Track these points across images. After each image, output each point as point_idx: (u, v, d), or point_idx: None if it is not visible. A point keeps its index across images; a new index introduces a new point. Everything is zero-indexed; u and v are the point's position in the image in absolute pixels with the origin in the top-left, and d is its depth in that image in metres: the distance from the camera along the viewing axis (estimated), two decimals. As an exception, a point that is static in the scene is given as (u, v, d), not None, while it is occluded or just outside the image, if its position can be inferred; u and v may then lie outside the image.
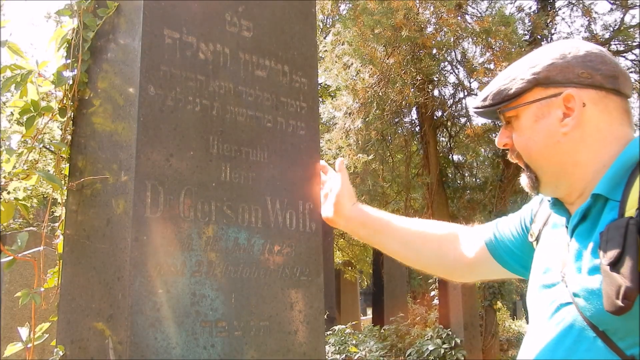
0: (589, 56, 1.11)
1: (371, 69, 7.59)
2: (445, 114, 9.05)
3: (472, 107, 1.25)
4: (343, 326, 8.04)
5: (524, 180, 1.19)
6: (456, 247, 1.47)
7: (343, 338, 7.70)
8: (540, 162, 1.13)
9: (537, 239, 1.26)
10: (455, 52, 8.24)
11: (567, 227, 1.12)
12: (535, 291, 1.17)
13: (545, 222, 1.24)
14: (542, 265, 1.17)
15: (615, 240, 0.93)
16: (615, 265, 0.91)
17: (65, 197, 1.49)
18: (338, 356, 7.19)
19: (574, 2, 8.43)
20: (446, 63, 8.42)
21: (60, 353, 1.36)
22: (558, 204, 1.17)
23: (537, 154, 1.13)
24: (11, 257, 1.40)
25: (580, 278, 1.00)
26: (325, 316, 1.86)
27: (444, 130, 9.47)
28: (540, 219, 1.27)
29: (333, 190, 1.60)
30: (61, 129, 1.52)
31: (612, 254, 0.92)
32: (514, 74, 1.17)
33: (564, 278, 1.05)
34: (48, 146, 1.50)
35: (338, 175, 1.61)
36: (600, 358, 0.95)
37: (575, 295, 1.00)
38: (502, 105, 1.16)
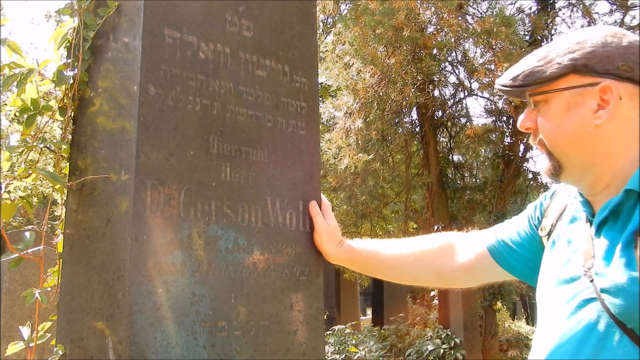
0: (631, 48, 1.06)
1: (372, 69, 7.59)
2: (445, 114, 9.06)
3: (498, 84, 1.18)
4: (343, 326, 8.04)
5: (543, 165, 1.13)
6: (453, 257, 1.44)
7: (343, 338, 7.69)
8: (567, 150, 1.08)
9: (549, 234, 1.21)
10: (456, 53, 8.25)
11: (590, 220, 1.08)
12: (551, 285, 1.12)
13: (559, 216, 1.20)
14: (561, 258, 1.12)
15: None
16: None
17: (65, 197, 1.49)
18: (338, 356, 7.19)
19: (574, 2, 8.43)
20: (447, 63, 8.43)
21: (60, 352, 1.36)
22: (581, 197, 1.12)
23: (565, 142, 1.08)
24: (16, 256, 1.39)
25: (610, 274, 0.97)
26: (325, 316, 1.86)
27: (444, 130, 9.48)
28: (553, 213, 1.23)
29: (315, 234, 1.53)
30: (61, 128, 1.52)
31: None
32: (549, 56, 1.10)
33: (588, 273, 1.02)
34: (48, 145, 1.50)
35: (316, 217, 1.53)
36: (629, 357, 0.93)
37: (603, 291, 0.97)
38: (533, 88, 1.10)
